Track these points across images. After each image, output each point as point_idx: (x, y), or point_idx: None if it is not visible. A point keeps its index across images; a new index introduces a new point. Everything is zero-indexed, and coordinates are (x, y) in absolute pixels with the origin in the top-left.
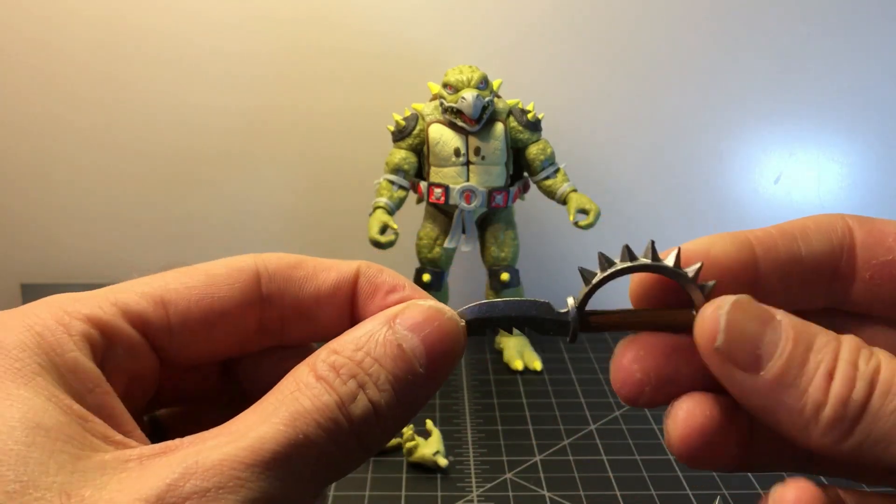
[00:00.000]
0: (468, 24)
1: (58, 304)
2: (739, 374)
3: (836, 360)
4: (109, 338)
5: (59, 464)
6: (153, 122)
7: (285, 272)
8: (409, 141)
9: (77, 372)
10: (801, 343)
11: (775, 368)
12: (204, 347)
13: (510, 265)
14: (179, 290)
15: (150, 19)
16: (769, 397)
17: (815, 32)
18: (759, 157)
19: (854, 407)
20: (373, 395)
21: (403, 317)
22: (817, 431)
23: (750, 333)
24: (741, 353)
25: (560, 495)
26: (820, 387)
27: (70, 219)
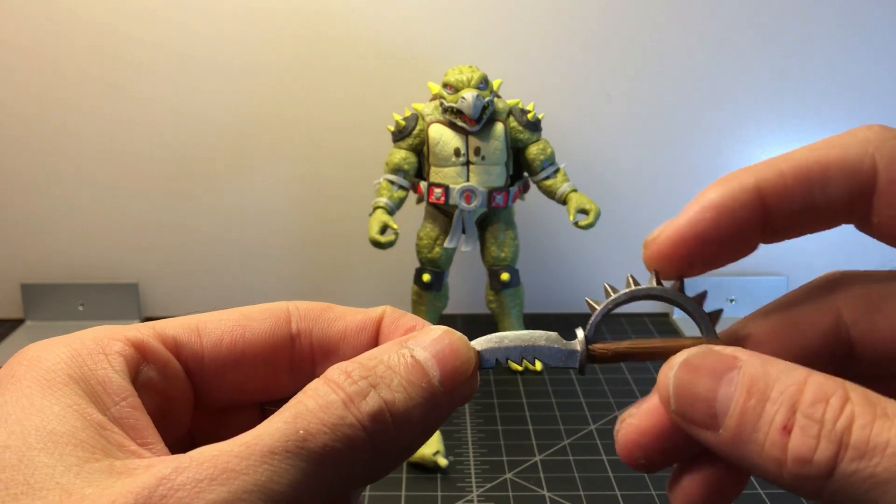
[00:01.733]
0: (468, 24)
1: (101, 329)
2: (702, 433)
3: (794, 411)
4: (143, 355)
5: (66, 466)
6: (153, 122)
7: (316, 312)
8: (409, 141)
9: (106, 384)
10: (754, 394)
11: (730, 426)
12: (235, 380)
13: (510, 265)
14: (213, 321)
15: (149, 20)
16: (733, 454)
17: (815, 32)
18: (758, 157)
19: (818, 468)
20: (385, 394)
21: (415, 338)
22: (786, 485)
23: (702, 393)
24: (696, 414)
25: (560, 495)
26: (775, 443)
27: (70, 219)
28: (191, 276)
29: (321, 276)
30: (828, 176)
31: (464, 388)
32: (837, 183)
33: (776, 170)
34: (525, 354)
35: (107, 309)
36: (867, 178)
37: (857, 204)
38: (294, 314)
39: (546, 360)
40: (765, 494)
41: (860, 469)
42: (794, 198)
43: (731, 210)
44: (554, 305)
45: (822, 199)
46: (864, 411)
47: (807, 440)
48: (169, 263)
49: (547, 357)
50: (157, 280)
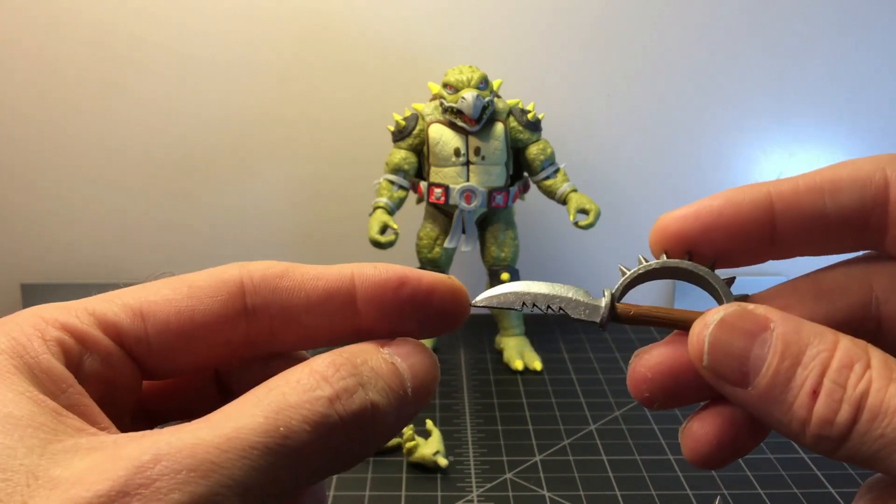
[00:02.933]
0: (468, 24)
1: (37, 313)
2: (730, 389)
3: (823, 376)
4: (83, 345)
5: (28, 448)
6: (153, 122)
7: (271, 283)
8: (409, 141)
9: (50, 373)
10: (787, 357)
11: (762, 385)
12: (186, 359)
13: (510, 265)
14: (159, 302)
15: (150, 21)
16: (759, 410)
17: (815, 32)
18: (758, 157)
19: (838, 429)
20: (372, 395)
21: (391, 346)
22: (806, 443)
23: (735, 351)
24: (728, 371)
25: (560, 495)
26: (804, 405)
27: (70, 219)
28: None
29: None
30: (839, 186)
31: (426, 399)
32: (849, 193)
33: (791, 182)
34: (550, 302)
35: None
36: (879, 190)
37: (869, 217)
38: (248, 286)
39: (570, 310)
40: (765, 495)
41: (872, 430)
42: (804, 206)
43: (737, 202)
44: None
45: (834, 209)
46: (881, 375)
47: (831, 404)
48: (169, 263)
49: (571, 308)
50: None
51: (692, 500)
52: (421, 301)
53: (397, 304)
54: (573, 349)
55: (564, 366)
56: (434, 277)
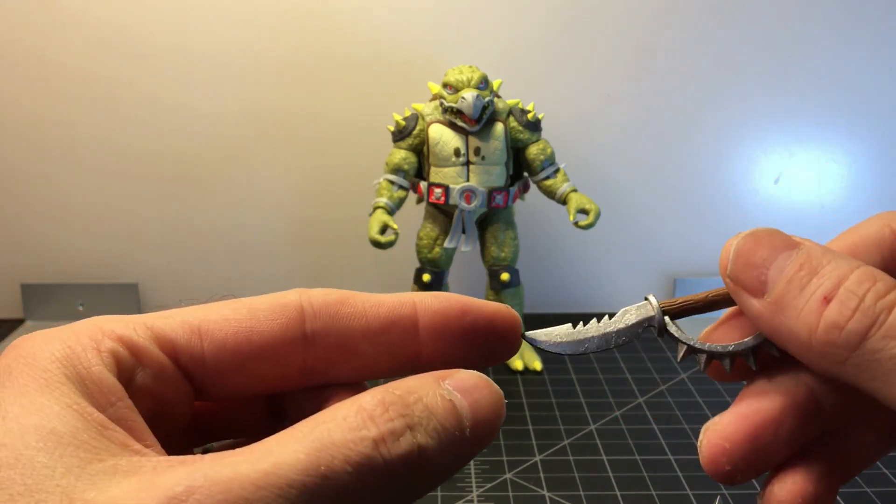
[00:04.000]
0: (468, 24)
1: (95, 323)
2: (748, 299)
3: (838, 287)
4: (138, 358)
5: (67, 467)
6: (153, 122)
7: (331, 309)
8: (409, 141)
9: (100, 384)
10: (805, 267)
11: (775, 292)
12: (240, 381)
13: (510, 265)
14: (218, 321)
15: (150, 21)
16: (772, 320)
17: (815, 32)
18: (758, 157)
19: (848, 336)
20: (421, 437)
21: (452, 379)
22: (813, 355)
23: (757, 260)
24: (748, 279)
25: (560, 495)
26: (813, 310)
27: (70, 219)
28: (191, 276)
29: (321, 276)
30: (857, 254)
31: (489, 439)
32: (867, 256)
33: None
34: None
35: (107, 309)
36: (889, 245)
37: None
38: (308, 311)
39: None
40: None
41: (889, 347)
42: None
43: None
44: (554, 305)
45: None
46: None
47: (843, 310)
48: (169, 263)
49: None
50: (157, 280)
51: (692, 500)
52: (482, 330)
53: (459, 333)
54: None
55: (564, 366)
56: (494, 307)
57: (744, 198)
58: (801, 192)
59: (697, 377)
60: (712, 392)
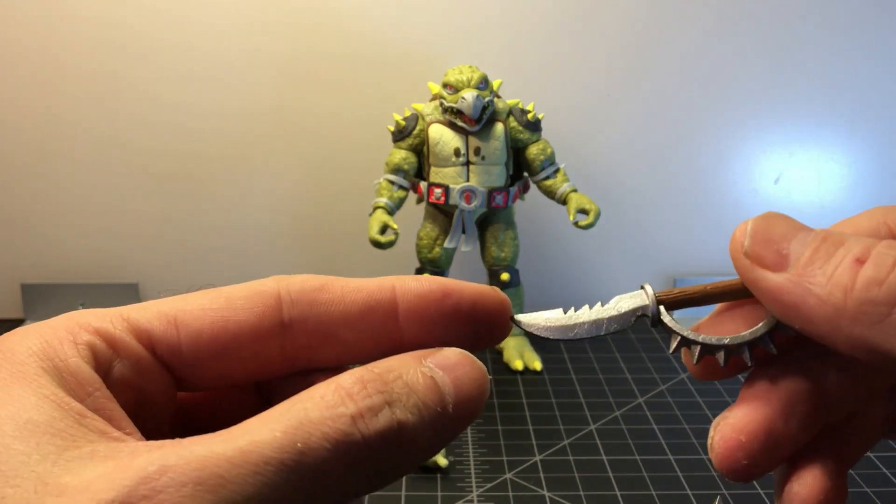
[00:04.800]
0: (468, 24)
1: (72, 317)
2: (768, 275)
3: (869, 250)
4: (115, 350)
5: (43, 454)
6: (153, 122)
7: (309, 296)
8: (410, 141)
9: (77, 376)
10: (830, 240)
11: (801, 261)
12: (219, 370)
13: (510, 265)
14: (194, 311)
15: (150, 21)
16: (796, 293)
17: (814, 32)
18: (758, 157)
19: (889, 290)
20: (400, 413)
21: (434, 357)
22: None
23: (776, 235)
24: (767, 254)
25: (560, 495)
26: (847, 270)
27: (70, 219)
28: (191, 275)
29: None
30: None
31: (473, 415)
32: None
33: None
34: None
35: None
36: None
37: None
38: (285, 299)
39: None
40: (765, 495)
41: None
42: None
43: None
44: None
45: None
46: None
47: (881, 267)
48: (169, 263)
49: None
50: (157, 280)
51: (692, 500)
52: (465, 313)
53: (440, 317)
54: (573, 349)
55: (564, 366)
56: (478, 289)
57: (744, 198)
58: (801, 192)
59: None
60: (712, 392)
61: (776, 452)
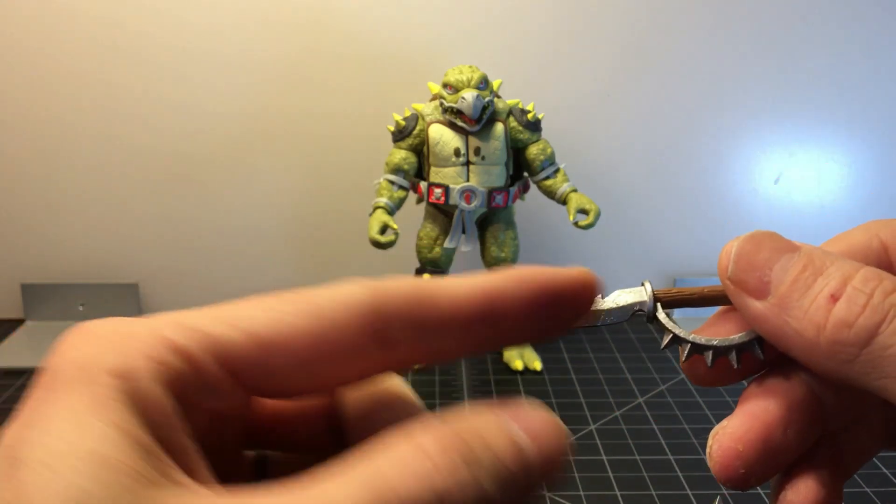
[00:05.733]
0: (468, 24)
1: (154, 329)
2: (750, 301)
3: (846, 284)
4: (198, 375)
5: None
6: (153, 122)
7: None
8: (409, 141)
9: (156, 405)
10: (809, 268)
11: (781, 291)
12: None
13: (510, 265)
14: (283, 332)
15: (150, 21)
16: (776, 322)
17: (814, 32)
18: (758, 157)
19: (857, 333)
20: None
21: (518, 419)
22: (820, 355)
23: (759, 262)
24: (750, 280)
25: (560, 495)
26: (821, 308)
27: (70, 219)
28: (191, 276)
29: (321, 276)
30: None
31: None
32: None
33: None
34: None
35: (107, 309)
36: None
37: None
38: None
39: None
40: (765, 495)
41: None
42: None
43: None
44: None
45: None
46: None
47: (852, 307)
48: (169, 263)
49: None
50: (157, 280)
51: (692, 500)
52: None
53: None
54: (573, 349)
55: (564, 366)
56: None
57: (744, 198)
58: (800, 192)
59: None
60: (712, 392)
61: (773, 462)
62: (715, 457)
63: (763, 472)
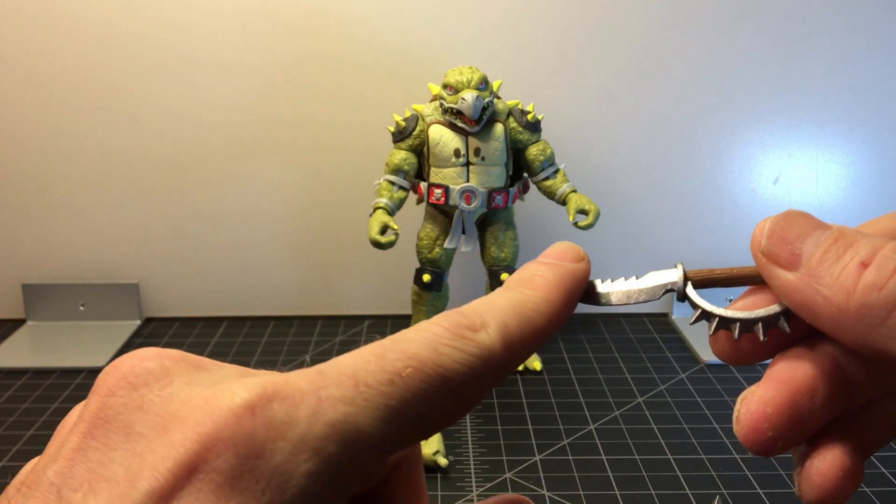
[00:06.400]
0: (468, 24)
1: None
2: (781, 273)
3: (875, 253)
4: None
5: None
6: (154, 123)
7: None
8: (410, 142)
9: None
10: (841, 241)
11: (812, 263)
12: None
13: (510, 265)
14: None
15: (150, 21)
16: (806, 292)
17: (813, 32)
18: (757, 157)
19: (887, 296)
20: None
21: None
22: (849, 318)
23: (791, 235)
24: (782, 253)
25: (560, 495)
26: (851, 274)
27: (70, 219)
28: (191, 276)
29: (321, 276)
30: None
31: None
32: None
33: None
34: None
35: (107, 309)
36: None
37: None
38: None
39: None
40: (764, 495)
41: None
42: None
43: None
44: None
45: None
46: None
47: (882, 272)
48: (169, 263)
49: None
50: (157, 280)
51: (692, 499)
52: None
53: None
54: (573, 349)
55: (564, 366)
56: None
57: (743, 198)
58: (800, 193)
59: (697, 377)
60: (712, 392)
61: (800, 428)
62: (743, 420)
63: (789, 437)
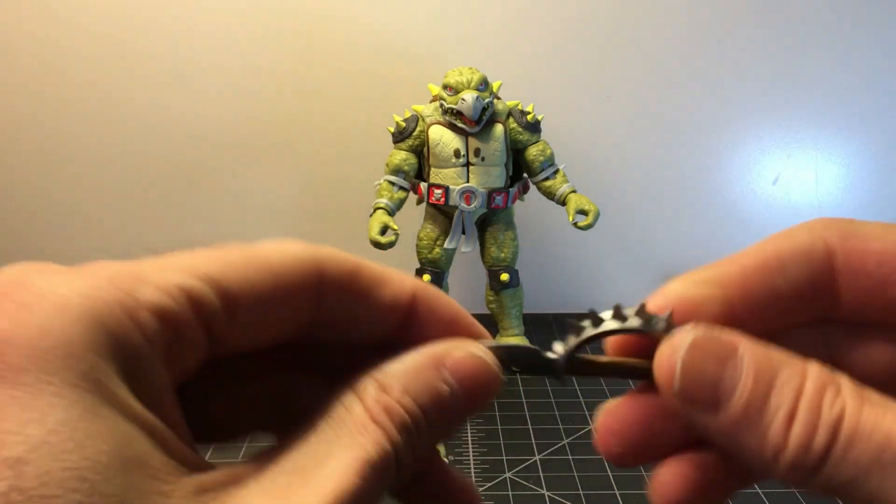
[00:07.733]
0: (468, 25)
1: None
2: (701, 416)
3: (798, 401)
4: (175, 333)
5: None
6: (154, 124)
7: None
8: (410, 142)
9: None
10: (761, 381)
11: (736, 410)
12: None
13: (510, 266)
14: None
15: (151, 24)
16: (732, 437)
17: (813, 33)
18: (757, 158)
19: (814, 455)
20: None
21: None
22: (780, 471)
23: (708, 375)
24: (700, 396)
25: (560, 494)
26: (780, 431)
27: (70, 220)
28: None
29: None
30: (784, 262)
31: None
32: (795, 268)
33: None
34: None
35: None
36: (823, 258)
37: (821, 287)
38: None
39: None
40: (763, 494)
41: (848, 455)
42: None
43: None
44: (553, 306)
45: (785, 285)
46: (853, 398)
47: (808, 429)
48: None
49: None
50: None
51: None
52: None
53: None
54: None
55: None
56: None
57: (742, 198)
58: (799, 193)
59: None
60: None
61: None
62: (597, 432)
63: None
